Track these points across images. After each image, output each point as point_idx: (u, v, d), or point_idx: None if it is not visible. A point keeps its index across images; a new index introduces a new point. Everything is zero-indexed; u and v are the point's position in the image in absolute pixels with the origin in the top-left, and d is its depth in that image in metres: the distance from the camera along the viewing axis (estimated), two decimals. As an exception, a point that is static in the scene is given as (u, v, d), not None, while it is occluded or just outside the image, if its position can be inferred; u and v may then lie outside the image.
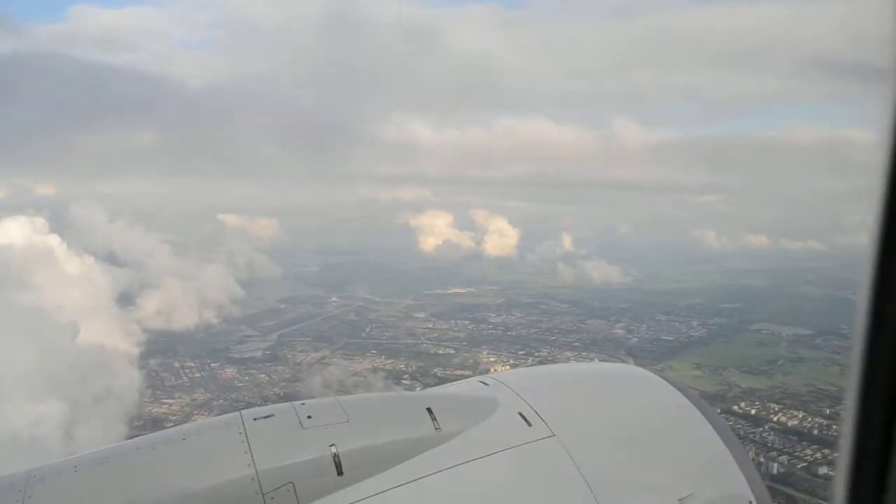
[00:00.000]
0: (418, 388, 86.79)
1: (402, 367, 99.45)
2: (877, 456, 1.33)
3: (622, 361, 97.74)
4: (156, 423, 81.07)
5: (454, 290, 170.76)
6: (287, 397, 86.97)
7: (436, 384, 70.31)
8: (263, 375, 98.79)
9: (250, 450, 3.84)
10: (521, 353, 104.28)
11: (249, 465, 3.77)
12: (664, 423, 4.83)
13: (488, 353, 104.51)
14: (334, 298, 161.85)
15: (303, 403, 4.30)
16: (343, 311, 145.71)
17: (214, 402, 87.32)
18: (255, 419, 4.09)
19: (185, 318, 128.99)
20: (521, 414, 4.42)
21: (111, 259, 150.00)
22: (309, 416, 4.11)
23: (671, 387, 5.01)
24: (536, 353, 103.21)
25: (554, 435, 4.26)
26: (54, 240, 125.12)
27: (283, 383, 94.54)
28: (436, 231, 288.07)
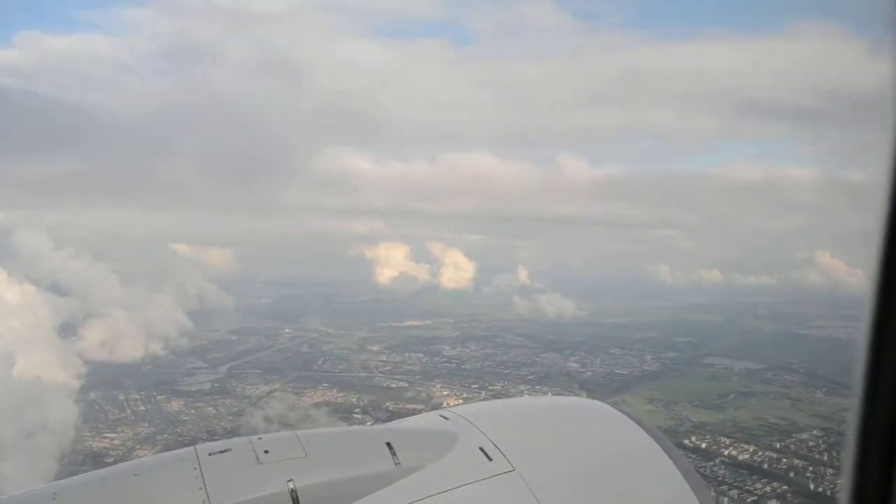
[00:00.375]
0: (370, 423, 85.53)
1: (354, 400, 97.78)
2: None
3: (575, 395, 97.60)
4: (96, 459, 78.19)
5: (410, 323, 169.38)
6: (233, 432, 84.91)
7: (388, 418, 69.20)
8: (211, 408, 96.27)
9: (205, 486, 3.73)
10: (474, 386, 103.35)
11: (204, 502, 3.65)
12: (624, 457, 4.77)
13: (441, 387, 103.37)
14: (287, 330, 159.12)
15: (259, 438, 4.20)
16: (296, 343, 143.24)
17: (158, 437, 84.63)
18: (210, 454, 3.99)
19: (132, 350, 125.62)
20: (481, 448, 4.36)
21: (55, 288, 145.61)
22: (266, 451, 4.02)
23: (630, 420, 4.94)
24: (490, 387, 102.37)
25: (514, 469, 4.19)
26: None
27: (231, 417, 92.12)
28: (392, 263, 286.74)
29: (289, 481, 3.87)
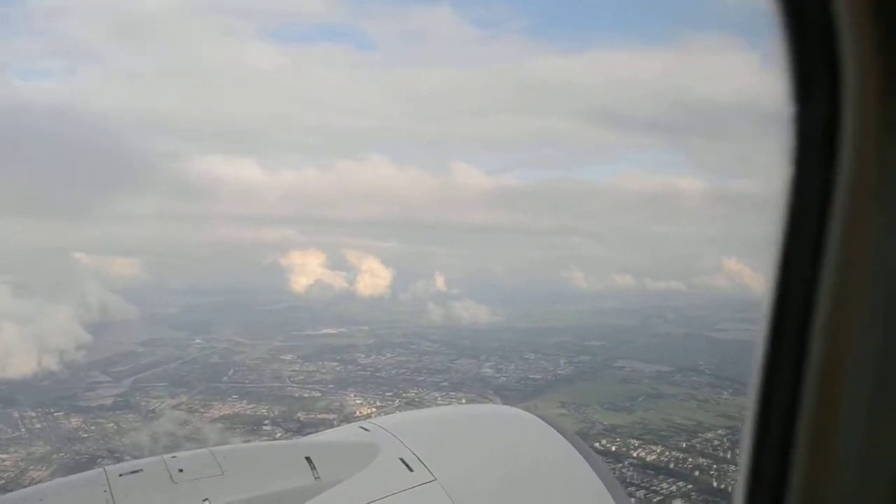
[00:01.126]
0: (279, 435, 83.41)
1: (265, 412, 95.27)
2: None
3: (490, 401, 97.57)
4: (-17, 482, 73.78)
5: (325, 331, 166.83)
6: (135, 448, 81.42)
7: (298, 429, 67.25)
8: (112, 424, 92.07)
9: None
10: (388, 394, 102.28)
11: None
12: (544, 464, 4.75)
13: (355, 396, 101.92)
14: (198, 340, 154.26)
15: (173, 456, 4.08)
16: (206, 354, 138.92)
17: (55, 456, 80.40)
18: (120, 475, 3.84)
19: (24, 365, 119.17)
20: (402, 459, 4.32)
21: None
22: (180, 470, 3.88)
23: (550, 427, 4.91)
24: (404, 395, 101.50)
25: (435, 479, 4.15)
26: None
27: (133, 433, 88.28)
28: (307, 270, 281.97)
29: (205, 501, 3.74)
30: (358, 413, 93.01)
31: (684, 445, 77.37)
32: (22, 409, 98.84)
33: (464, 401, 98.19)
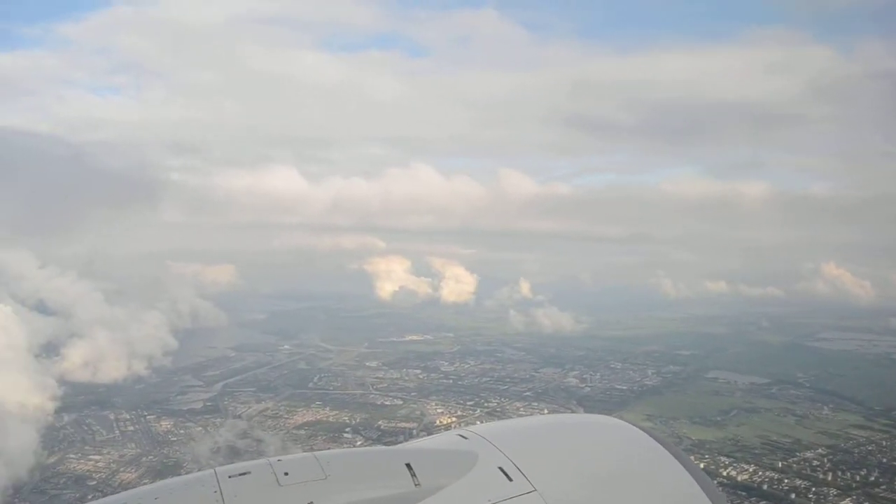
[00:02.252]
0: (359, 443, 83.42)
1: (346, 419, 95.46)
2: None
3: (575, 411, 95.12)
4: (78, 481, 76.49)
5: (410, 338, 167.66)
6: (221, 452, 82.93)
7: (378, 437, 66.82)
8: (200, 428, 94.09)
9: None
10: (469, 403, 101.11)
11: None
12: (643, 473, 4.69)
13: (436, 405, 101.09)
14: (286, 346, 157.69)
15: (279, 459, 4.17)
16: (293, 360, 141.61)
17: (143, 459, 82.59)
18: (230, 476, 3.96)
19: (120, 369, 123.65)
20: (501, 468, 4.33)
21: (40, 308, 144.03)
22: (286, 473, 4.00)
23: (649, 437, 4.88)
24: (486, 404, 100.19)
25: (535, 490, 4.14)
26: None
27: (219, 438, 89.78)
28: (393, 277, 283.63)
29: (309, 503, 3.78)
30: (438, 422, 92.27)
31: (780, 465, 72.72)
32: (118, 412, 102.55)
33: (546, 411, 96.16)
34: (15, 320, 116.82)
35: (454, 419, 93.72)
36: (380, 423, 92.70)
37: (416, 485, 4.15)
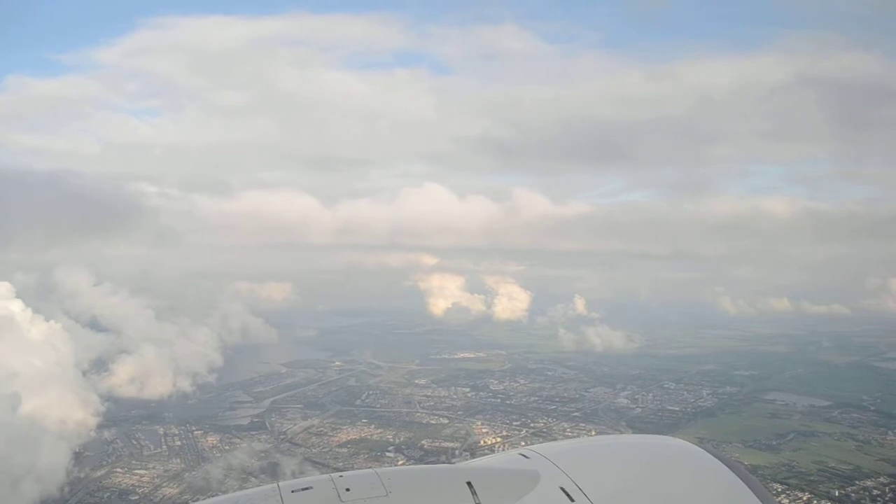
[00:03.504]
0: (401, 462, 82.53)
1: (390, 437, 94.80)
2: None
3: (623, 434, 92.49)
4: (121, 496, 77.43)
5: (462, 355, 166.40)
6: (261, 470, 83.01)
7: (421, 457, 65.73)
8: (245, 444, 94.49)
9: None
10: (516, 423, 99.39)
11: None
12: (711, 498, 4.59)
13: (482, 424, 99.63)
14: (337, 363, 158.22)
15: (341, 475, 4.24)
16: (343, 377, 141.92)
17: (186, 474, 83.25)
18: (293, 491, 4.03)
19: (171, 385, 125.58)
20: (562, 488, 4.27)
21: (93, 324, 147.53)
22: (347, 489, 4.01)
23: (717, 461, 4.78)
24: (532, 424, 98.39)
25: None
26: (17, 305, 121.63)
27: (263, 454, 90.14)
28: (446, 294, 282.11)
29: None
30: (482, 442, 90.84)
31: (837, 493, 68.82)
32: (167, 427, 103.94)
33: (593, 432, 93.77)
34: (64, 337, 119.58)
35: (499, 439, 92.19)
36: (423, 442, 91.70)
37: (476, 503, 4.10)
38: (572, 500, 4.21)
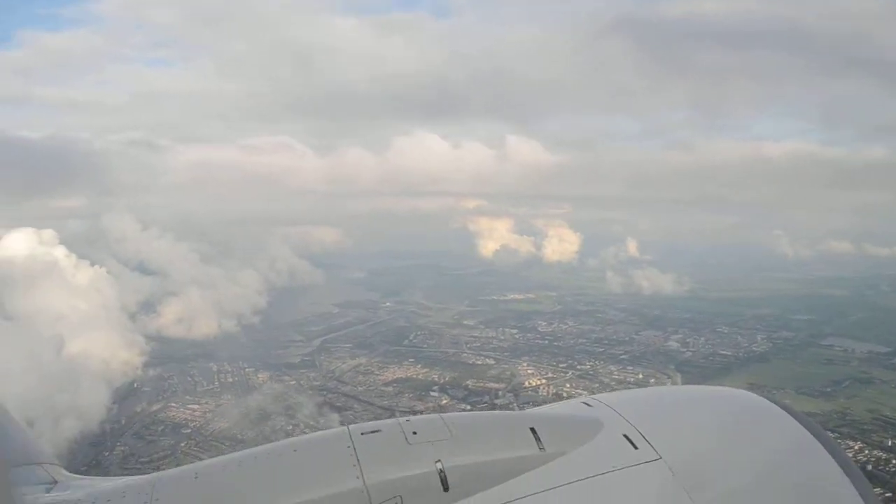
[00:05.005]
0: (445, 402, 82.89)
1: (436, 377, 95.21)
2: None
3: (670, 377, 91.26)
4: (174, 429, 79.78)
5: (512, 297, 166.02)
6: (308, 406, 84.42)
7: (465, 397, 65.57)
8: (293, 382, 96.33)
9: (359, 463, 3.90)
10: (562, 365, 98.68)
11: (358, 478, 3.83)
12: (780, 453, 4.35)
13: (528, 365, 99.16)
14: (388, 303, 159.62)
15: (408, 420, 4.32)
16: (393, 317, 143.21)
17: (236, 409, 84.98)
18: (362, 433, 4.15)
19: (220, 325, 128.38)
20: (626, 436, 4.29)
21: (141, 268, 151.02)
22: (414, 433, 4.13)
23: (788, 415, 4.59)
24: (579, 366, 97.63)
25: (661, 458, 4.10)
26: (61, 251, 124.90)
27: (311, 391, 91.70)
28: (495, 235, 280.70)
29: (437, 462, 3.93)
30: (526, 384, 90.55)
31: (890, 444, 66.49)
32: (220, 364, 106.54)
33: (641, 376, 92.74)
34: (108, 281, 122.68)
35: (544, 381, 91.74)
36: (468, 382, 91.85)
37: (540, 449, 4.13)
38: (636, 448, 4.17)
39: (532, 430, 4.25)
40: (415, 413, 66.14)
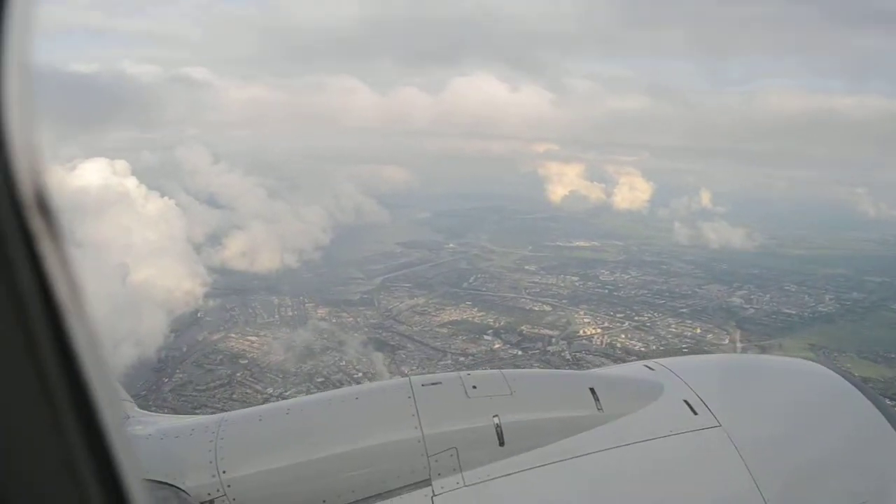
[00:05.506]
0: (497, 345, 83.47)
1: (491, 321, 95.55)
2: None
3: (727, 332, 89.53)
4: (231, 359, 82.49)
5: (577, 244, 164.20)
6: (362, 343, 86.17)
7: (518, 342, 65.88)
8: (350, 319, 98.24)
9: (418, 414, 4.00)
10: (619, 315, 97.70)
11: (416, 428, 3.94)
12: (847, 431, 4.52)
13: (584, 314, 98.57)
14: (452, 245, 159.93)
15: (468, 374, 4.39)
16: (456, 259, 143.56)
17: (291, 344, 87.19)
18: (423, 385, 4.24)
19: (282, 260, 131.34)
20: (686, 401, 4.30)
21: (211, 201, 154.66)
22: (474, 387, 4.21)
23: (853, 387, 4.63)
24: (636, 318, 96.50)
25: (720, 425, 4.13)
26: (132, 182, 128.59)
27: (367, 329, 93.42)
28: (565, 181, 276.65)
29: (494, 416, 4.00)
30: (581, 332, 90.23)
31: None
32: (281, 297, 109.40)
33: (698, 331, 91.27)
34: (177, 213, 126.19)
35: (599, 330, 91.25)
36: (522, 327, 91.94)
37: (598, 409, 4.17)
38: (695, 413, 4.21)
39: (591, 390, 4.30)
40: (466, 355, 66.83)
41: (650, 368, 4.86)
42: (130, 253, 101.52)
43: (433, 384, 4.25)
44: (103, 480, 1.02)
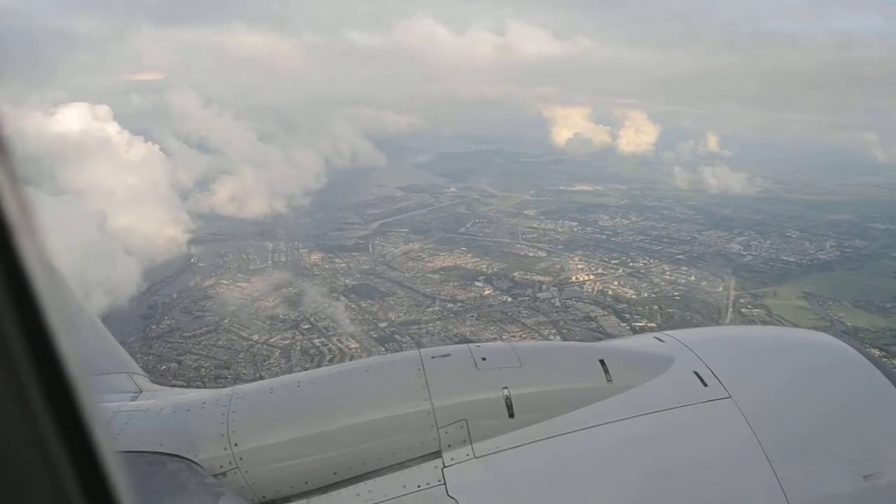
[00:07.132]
0: (487, 291, 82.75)
1: (484, 267, 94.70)
2: None
3: (721, 279, 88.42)
4: (221, 305, 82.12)
5: (580, 188, 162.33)
6: (351, 289, 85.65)
7: (508, 288, 65.07)
8: (343, 264, 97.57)
9: (428, 385, 4.02)
10: (614, 261, 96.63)
11: (426, 400, 3.96)
12: (852, 397, 4.45)
13: (579, 259, 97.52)
14: (452, 189, 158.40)
15: (478, 346, 4.40)
16: (455, 203, 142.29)
17: (284, 290, 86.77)
18: (432, 357, 4.26)
19: (284, 203, 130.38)
20: (696, 373, 4.28)
21: (201, 146, 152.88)
22: (483, 359, 4.22)
23: (867, 360, 4.54)
24: (631, 264, 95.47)
25: (730, 397, 4.13)
26: (113, 127, 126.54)
27: (358, 274, 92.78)
28: (570, 123, 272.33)
29: (504, 388, 4.03)
30: (573, 279, 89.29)
31: (940, 367, 62.76)
32: (276, 243, 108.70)
33: (693, 278, 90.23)
34: (159, 158, 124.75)
35: (592, 277, 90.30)
36: (515, 274, 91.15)
37: (608, 380, 4.16)
38: (705, 385, 4.16)
39: (601, 361, 4.26)
40: (454, 301, 65.94)
41: (660, 340, 4.86)
42: (109, 200, 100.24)
43: (443, 356, 4.26)
44: (75, 454, 0.96)
